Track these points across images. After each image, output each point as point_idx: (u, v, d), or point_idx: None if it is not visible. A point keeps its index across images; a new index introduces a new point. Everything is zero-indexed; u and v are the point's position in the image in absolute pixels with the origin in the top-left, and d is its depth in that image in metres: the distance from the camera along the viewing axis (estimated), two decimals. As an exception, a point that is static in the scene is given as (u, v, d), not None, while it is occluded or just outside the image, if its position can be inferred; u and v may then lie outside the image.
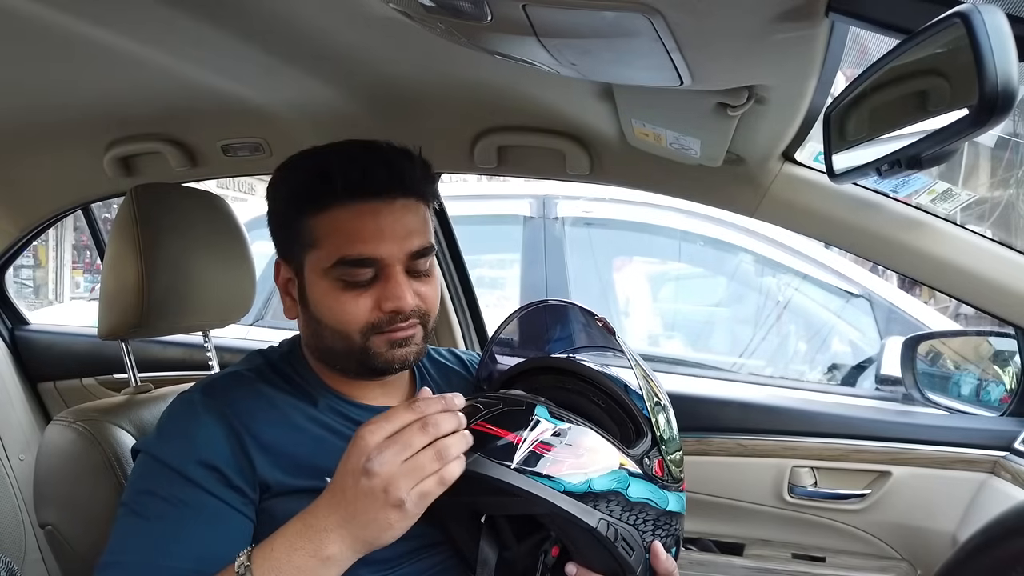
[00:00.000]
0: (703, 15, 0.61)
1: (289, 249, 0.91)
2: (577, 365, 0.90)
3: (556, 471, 0.73)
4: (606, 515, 0.75)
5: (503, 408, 0.76)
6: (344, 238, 0.85)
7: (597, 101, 1.06)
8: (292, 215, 0.89)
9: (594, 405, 0.87)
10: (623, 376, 0.91)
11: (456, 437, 0.71)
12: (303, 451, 0.86)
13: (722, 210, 1.29)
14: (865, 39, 0.74)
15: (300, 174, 0.90)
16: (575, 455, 0.75)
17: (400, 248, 0.86)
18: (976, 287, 1.12)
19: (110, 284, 1.14)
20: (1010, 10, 0.51)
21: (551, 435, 0.75)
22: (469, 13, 0.65)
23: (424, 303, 0.89)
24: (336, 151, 0.90)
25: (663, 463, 0.83)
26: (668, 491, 0.82)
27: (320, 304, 0.88)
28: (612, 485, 0.76)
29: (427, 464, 0.69)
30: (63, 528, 1.07)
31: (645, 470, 0.80)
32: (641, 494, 0.79)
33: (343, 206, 0.85)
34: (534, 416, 0.75)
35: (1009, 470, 1.19)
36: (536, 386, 0.89)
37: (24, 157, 1.52)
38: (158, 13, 0.86)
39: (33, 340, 1.96)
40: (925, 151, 0.63)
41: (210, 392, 0.88)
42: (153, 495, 0.80)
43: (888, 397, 1.71)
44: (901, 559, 1.33)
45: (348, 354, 0.88)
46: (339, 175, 0.85)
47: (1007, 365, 1.42)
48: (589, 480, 0.75)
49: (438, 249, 1.60)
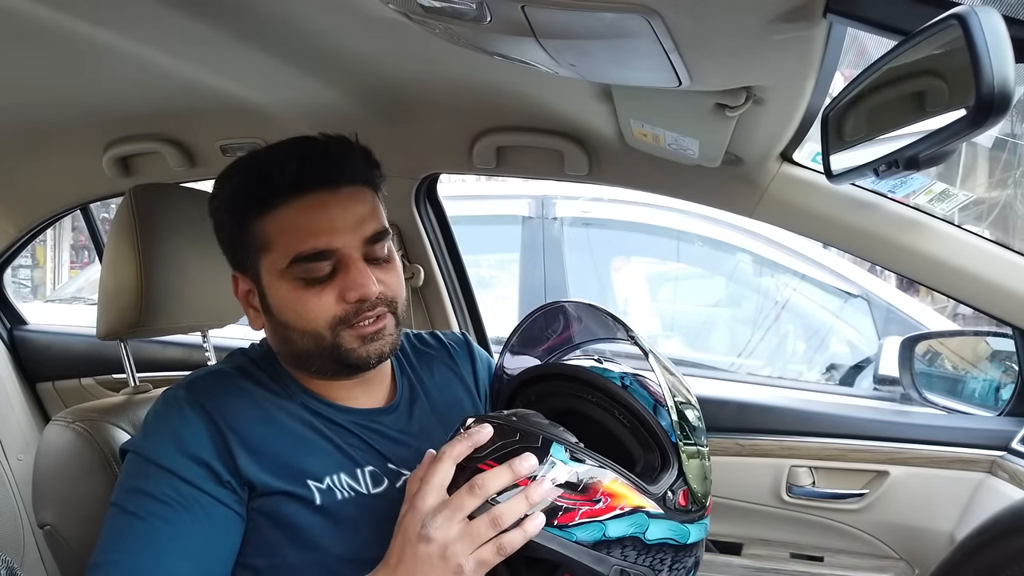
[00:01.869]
0: (702, 16, 0.61)
1: (243, 259, 0.89)
2: (602, 380, 0.84)
3: (568, 520, 0.70)
4: (620, 561, 0.72)
5: (519, 444, 0.71)
6: (295, 235, 0.83)
7: (596, 101, 1.06)
8: (239, 224, 0.87)
9: (620, 423, 0.82)
10: (647, 379, 0.86)
11: (512, 504, 0.69)
12: (286, 452, 0.85)
13: (720, 210, 1.29)
14: (863, 40, 0.74)
15: (239, 180, 0.88)
16: (590, 501, 0.71)
17: (354, 236, 0.84)
18: (974, 287, 1.13)
19: (109, 284, 1.14)
20: (1007, 12, 0.51)
21: (565, 480, 0.71)
22: (468, 14, 0.66)
23: (388, 290, 0.87)
24: (271, 150, 0.88)
25: (688, 493, 0.78)
26: (691, 524, 0.78)
27: (283, 307, 0.86)
28: (629, 531, 0.72)
29: (483, 531, 0.68)
30: (62, 528, 1.07)
31: (668, 506, 0.75)
32: (661, 535, 0.74)
33: (288, 203, 0.83)
34: (549, 457, 0.71)
35: (1006, 469, 1.19)
36: (557, 391, 0.87)
37: (23, 157, 1.52)
38: (157, 13, 0.86)
39: (32, 340, 1.96)
40: (922, 152, 0.63)
41: (192, 389, 0.87)
42: (143, 493, 0.80)
43: (886, 397, 1.71)
44: (899, 558, 1.33)
45: (321, 354, 0.86)
46: (278, 172, 0.83)
47: (1004, 365, 1.42)
48: (604, 528, 0.71)
49: (438, 249, 1.61)
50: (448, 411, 0.99)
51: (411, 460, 0.90)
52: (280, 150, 0.87)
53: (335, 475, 0.86)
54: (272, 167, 0.84)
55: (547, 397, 0.88)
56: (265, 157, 0.87)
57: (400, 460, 0.90)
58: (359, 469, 0.87)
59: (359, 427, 0.90)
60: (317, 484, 0.84)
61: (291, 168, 0.83)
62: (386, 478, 0.88)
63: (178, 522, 0.78)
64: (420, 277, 1.58)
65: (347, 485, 0.86)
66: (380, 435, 0.91)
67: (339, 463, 0.87)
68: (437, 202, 1.61)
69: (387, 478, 0.88)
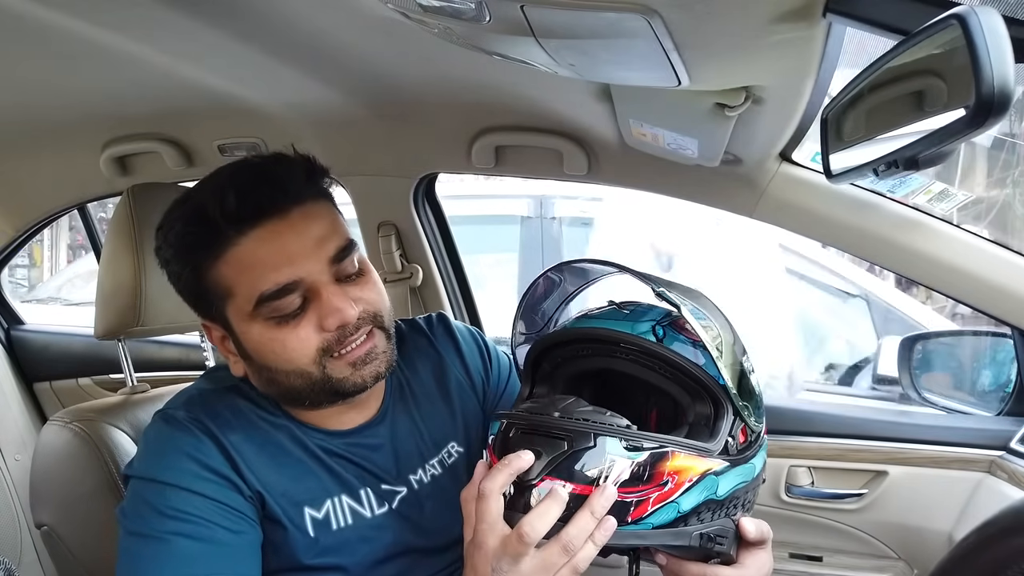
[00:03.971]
0: (701, 16, 0.61)
1: (208, 309, 0.83)
2: (633, 338, 0.75)
3: (641, 512, 0.67)
4: (698, 526, 0.70)
5: (570, 450, 0.67)
6: (253, 274, 0.77)
7: (595, 101, 1.06)
8: (193, 273, 0.80)
9: (662, 377, 0.75)
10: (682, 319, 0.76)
11: (580, 523, 0.66)
12: (284, 477, 0.82)
13: (719, 210, 1.29)
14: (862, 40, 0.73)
15: (179, 228, 0.80)
16: (658, 486, 0.67)
17: (317, 259, 0.78)
18: (973, 287, 1.13)
19: (106, 284, 1.14)
20: (1006, 12, 0.51)
21: (629, 473, 0.67)
22: (467, 14, 0.65)
23: (369, 305, 0.82)
24: (203, 186, 0.82)
25: (746, 428, 0.74)
26: (755, 457, 0.75)
27: (260, 350, 0.80)
28: (702, 497, 0.70)
29: (555, 559, 0.66)
30: (59, 529, 1.07)
31: (730, 454, 0.72)
32: (731, 485, 0.72)
33: (238, 242, 0.77)
34: (607, 456, 0.66)
35: (1005, 469, 1.19)
36: (587, 353, 0.79)
37: (20, 156, 1.51)
38: (156, 12, 0.86)
39: (29, 340, 1.96)
40: (922, 152, 0.63)
41: (191, 408, 0.83)
42: (162, 515, 0.76)
43: (885, 397, 1.72)
44: (898, 558, 1.33)
45: (312, 389, 0.81)
46: (216, 211, 0.76)
47: (1003, 365, 1.42)
48: (678, 506, 0.68)
49: (436, 249, 1.61)
50: (438, 401, 0.97)
51: (404, 468, 0.90)
52: (213, 184, 0.80)
53: (336, 497, 0.84)
54: (209, 206, 0.76)
55: (578, 359, 0.81)
56: (200, 196, 0.80)
57: (394, 475, 0.89)
58: (361, 490, 0.86)
59: (350, 447, 0.87)
60: (313, 513, 0.82)
61: (229, 203, 0.76)
62: (385, 500, 0.87)
63: (204, 539, 0.75)
64: (418, 277, 1.58)
65: (348, 508, 0.84)
66: (372, 449, 0.89)
67: (338, 488, 0.85)
68: (436, 202, 1.61)
69: (386, 500, 0.87)
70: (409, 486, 0.89)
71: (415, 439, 0.93)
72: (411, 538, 0.87)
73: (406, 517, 0.88)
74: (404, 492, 0.89)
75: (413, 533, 0.87)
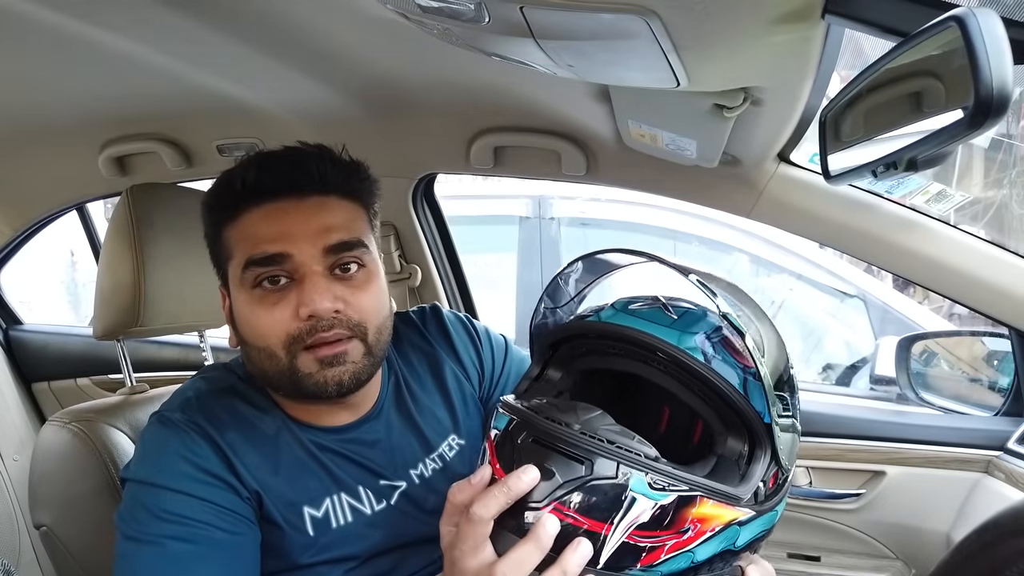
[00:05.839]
0: (700, 17, 0.61)
1: (221, 270, 0.87)
2: (677, 352, 0.65)
3: (652, 560, 0.59)
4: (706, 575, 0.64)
5: (588, 477, 0.58)
6: (252, 240, 0.80)
7: (594, 102, 1.06)
8: (213, 231, 0.85)
9: (700, 401, 0.67)
10: (732, 336, 0.67)
11: (576, 554, 0.58)
12: (282, 477, 0.82)
13: (718, 211, 1.30)
14: (860, 41, 0.74)
15: (216, 187, 0.86)
16: (678, 533, 0.59)
17: (313, 245, 0.79)
18: (970, 287, 1.13)
19: (105, 284, 1.14)
20: (1005, 13, 0.51)
21: (650, 516, 0.58)
22: (466, 15, 0.66)
23: (354, 312, 0.80)
24: (247, 160, 0.85)
25: (778, 473, 0.66)
26: (779, 503, 0.67)
27: (241, 319, 0.83)
28: (719, 548, 0.62)
29: None
30: (58, 529, 1.06)
31: (758, 501, 0.64)
32: (752, 535, 0.65)
33: (250, 210, 0.81)
34: (628, 493, 0.58)
35: (1003, 469, 1.19)
36: (615, 351, 0.70)
37: (19, 156, 1.51)
38: (154, 12, 0.86)
39: (27, 340, 1.96)
40: (920, 153, 0.63)
41: (188, 410, 0.83)
42: (158, 519, 0.75)
43: (883, 397, 1.71)
44: (895, 558, 1.33)
45: (280, 376, 0.80)
46: (239, 179, 0.81)
47: (1001, 365, 1.42)
48: (693, 556, 0.61)
49: (435, 249, 1.61)
50: (436, 394, 0.97)
51: (403, 464, 0.90)
52: (253, 158, 0.84)
53: (335, 495, 0.84)
54: (236, 174, 0.82)
55: (607, 355, 0.72)
56: (239, 166, 0.84)
57: (392, 471, 0.89)
58: (359, 487, 0.86)
59: (346, 443, 0.87)
60: (312, 512, 0.82)
61: (251, 175, 0.81)
62: (384, 496, 0.87)
63: (200, 542, 0.75)
64: (417, 277, 1.59)
65: (348, 506, 0.84)
66: (368, 446, 0.88)
67: (337, 486, 0.85)
68: (434, 202, 1.61)
69: (384, 496, 0.87)
70: (409, 481, 0.89)
71: (414, 434, 0.92)
72: (411, 531, 0.87)
73: (406, 512, 0.88)
74: (404, 487, 0.89)
75: (414, 526, 0.87)
